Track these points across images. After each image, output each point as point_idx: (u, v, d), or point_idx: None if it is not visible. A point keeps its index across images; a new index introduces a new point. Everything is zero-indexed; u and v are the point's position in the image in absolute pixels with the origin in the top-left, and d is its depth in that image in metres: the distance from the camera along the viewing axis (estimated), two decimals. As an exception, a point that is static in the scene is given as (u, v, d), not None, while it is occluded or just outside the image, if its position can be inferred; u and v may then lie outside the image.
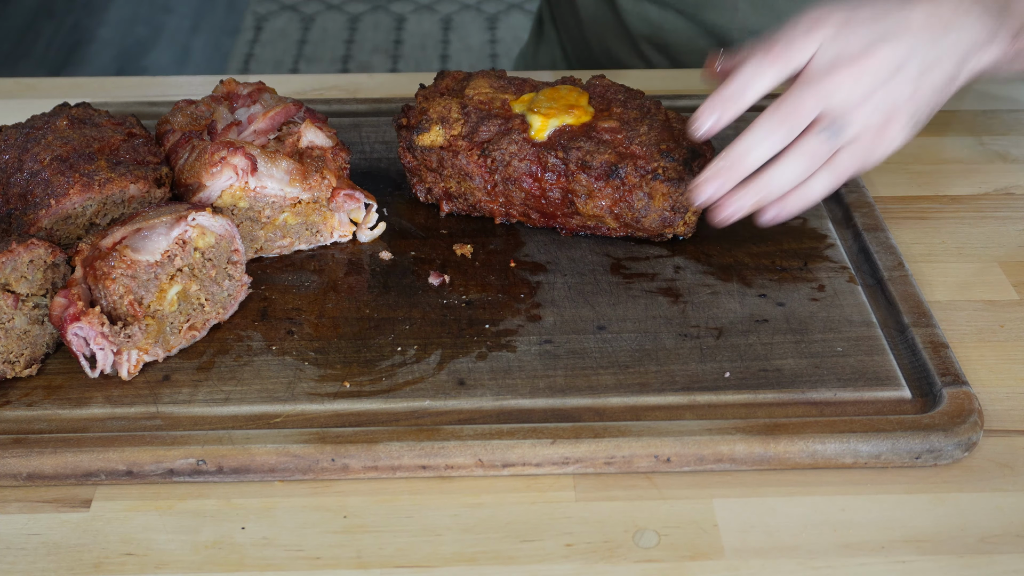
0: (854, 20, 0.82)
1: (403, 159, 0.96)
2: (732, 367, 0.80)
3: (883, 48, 0.81)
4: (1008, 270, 0.92)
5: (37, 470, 0.73)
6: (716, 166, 0.83)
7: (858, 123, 0.82)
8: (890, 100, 0.82)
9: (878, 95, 0.81)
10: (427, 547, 0.69)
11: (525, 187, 0.92)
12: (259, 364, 0.81)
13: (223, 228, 0.83)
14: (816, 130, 0.82)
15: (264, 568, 0.68)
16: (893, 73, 0.82)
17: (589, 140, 0.90)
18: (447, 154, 0.93)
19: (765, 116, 0.82)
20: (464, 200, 0.95)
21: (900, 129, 0.83)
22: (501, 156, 0.91)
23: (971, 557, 0.69)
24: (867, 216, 0.95)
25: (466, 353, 0.82)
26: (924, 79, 0.82)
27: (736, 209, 0.83)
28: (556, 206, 0.92)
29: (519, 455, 0.73)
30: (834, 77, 0.81)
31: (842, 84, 0.81)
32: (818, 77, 0.81)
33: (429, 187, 0.96)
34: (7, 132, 0.90)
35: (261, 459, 0.73)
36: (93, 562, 0.69)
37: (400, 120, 0.96)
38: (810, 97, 0.81)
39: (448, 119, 0.93)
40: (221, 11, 3.67)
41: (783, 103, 0.82)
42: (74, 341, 0.77)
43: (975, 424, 0.75)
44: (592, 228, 0.93)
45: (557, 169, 0.90)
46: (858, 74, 0.81)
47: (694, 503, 0.72)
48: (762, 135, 0.82)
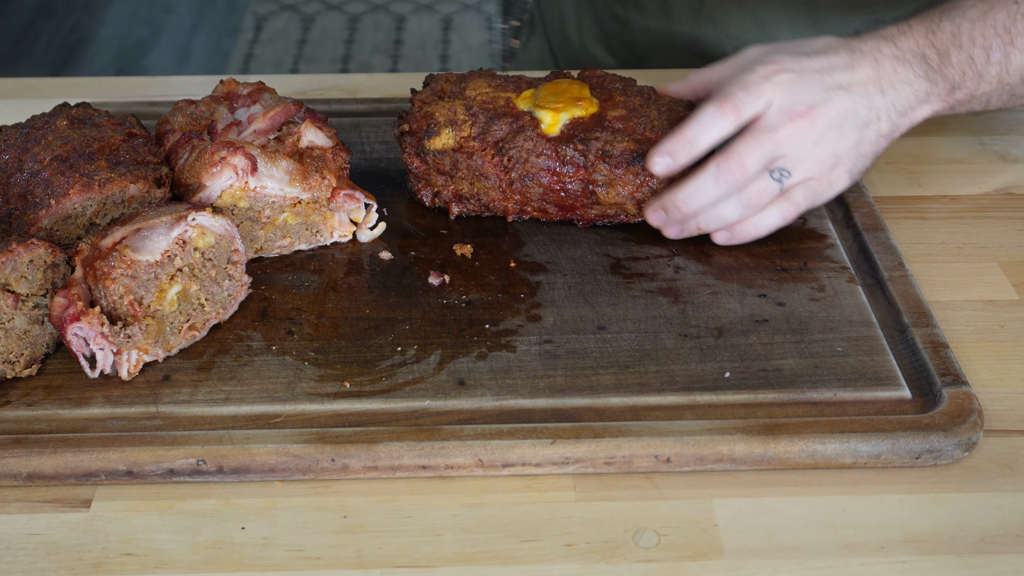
0: (805, 73, 0.88)
1: (410, 165, 0.95)
2: (732, 367, 0.80)
3: (832, 102, 0.88)
4: (1008, 270, 0.92)
5: (37, 470, 0.73)
6: (662, 200, 0.90)
7: (803, 171, 0.88)
8: (836, 150, 0.89)
9: (826, 143, 0.88)
10: (427, 547, 0.69)
11: (543, 182, 0.92)
12: (259, 364, 0.81)
13: (223, 228, 0.83)
14: (764, 170, 0.88)
15: (264, 568, 0.68)
16: (839, 125, 0.88)
17: (604, 130, 0.91)
18: (461, 156, 0.93)
19: (712, 165, 0.88)
20: (477, 201, 0.95)
21: (844, 173, 0.90)
22: (518, 154, 0.92)
23: (971, 557, 0.69)
24: (867, 216, 0.95)
25: (466, 353, 0.82)
26: (867, 131, 0.89)
27: (679, 232, 0.92)
28: (575, 198, 0.93)
29: (519, 455, 0.73)
30: (785, 129, 0.87)
31: (791, 136, 0.87)
32: (769, 130, 0.87)
33: (437, 191, 0.96)
34: (7, 132, 0.90)
35: (261, 459, 0.73)
36: (93, 562, 0.69)
37: (402, 127, 0.96)
38: (759, 148, 0.87)
39: (456, 121, 0.93)
40: (221, 11, 3.67)
41: (733, 154, 0.88)
42: (74, 341, 0.77)
43: (975, 424, 0.75)
44: (611, 216, 0.94)
45: (576, 162, 0.91)
46: (809, 124, 0.87)
47: (694, 503, 0.72)
48: (709, 182, 0.88)
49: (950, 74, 0.90)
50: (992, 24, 0.91)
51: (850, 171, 0.90)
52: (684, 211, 0.90)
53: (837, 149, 0.89)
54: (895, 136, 0.91)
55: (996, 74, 0.91)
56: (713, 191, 0.88)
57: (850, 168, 0.90)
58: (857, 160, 0.90)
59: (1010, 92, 0.93)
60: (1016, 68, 0.92)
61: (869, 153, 0.91)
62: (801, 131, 0.87)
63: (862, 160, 0.90)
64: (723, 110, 0.87)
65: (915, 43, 0.90)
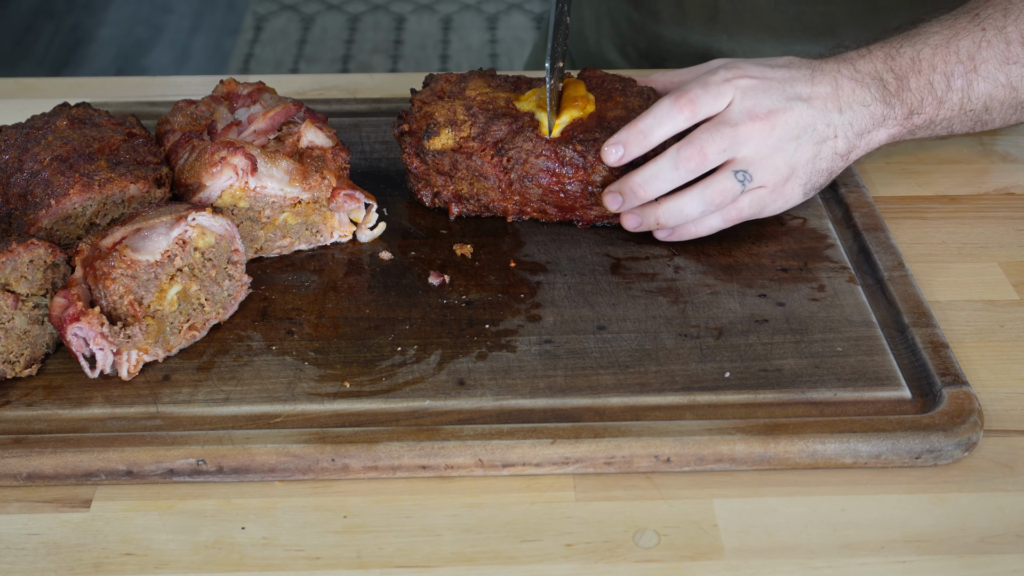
0: (767, 80, 0.89)
1: (410, 165, 0.95)
2: (732, 367, 0.80)
3: (792, 111, 0.88)
4: (1008, 270, 0.92)
5: (37, 470, 0.73)
6: (620, 184, 0.89)
7: (765, 174, 0.88)
8: (792, 160, 0.89)
9: (784, 152, 0.88)
10: (427, 547, 0.69)
11: (543, 183, 0.92)
12: (259, 364, 0.81)
13: (223, 228, 0.83)
14: (728, 170, 0.88)
15: (264, 568, 0.68)
16: (798, 136, 0.88)
17: (604, 131, 0.91)
18: (460, 156, 0.93)
19: (672, 149, 0.88)
20: (476, 201, 0.95)
21: (798, 187, 0.91)
22: (517, 154, 0.91)
23: (971, 557, 0.69)
24: (867, 216, 0.95)
25: (466, 353, 0.82)
26: (824, 146, 0.90)
27: (638, 224, 0.91)
28: (575, 199, 0.93)
29: (519, 455, 0.73)
30: (747, 127, 0.87)
31: (751, 136, 0.87)
32: (730, 124, 0.87)
33: (437, 191, 0.96)
34: (7, 132, 0.90)
35: (261, 459, 0.73)
36: (93, 562, 0.69)
37: (401, 127, 0.95)
38: (720, 138, 0.87)
39: (456, 121, 0.93)
40: (221, 11, 3.67)
41: (694, 140, 0.87)
42: (74, 341, 0.77)
43: (975, 424, 0.75)
44: (611, 217, 0.94)
45: (575, 162, 0.91)
46: (769, 129, 0.87)
47: (694, 503, 0.72)
48: (667, 166, 0.88)
49: (908, 99, 0.91)
50: (955, 51, 0.92)
51: (804, 186, 0.91)
52: (640, 195, 0.89)
53: (794, 160, 0.89)
54: (851, 158, 0.92)
55: (958, 100, 0.92)
56: (671, 176, 0.88)
57: (804, 183, 0.90)
58: (812, 175, 0.90)
59: (974, 118, 0.94)
60: (979, 96, 0.92)
61: (824, 170, 0.91)
62: (761, 133, 0.87)
63: (817, 176, 0.91)
64: (679, 105, 0.87)
65: (874, 67, 0.91)
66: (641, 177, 0.88)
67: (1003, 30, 0.92)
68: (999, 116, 0.95)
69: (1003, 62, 0.92)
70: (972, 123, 0.95)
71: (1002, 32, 0.92)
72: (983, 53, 0.92)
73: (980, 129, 0.96)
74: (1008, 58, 0.92)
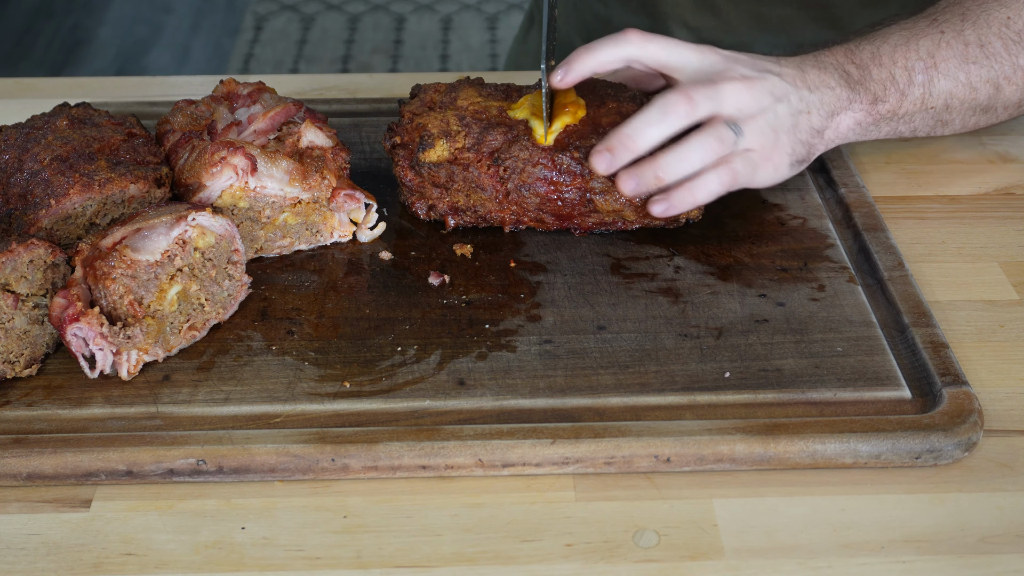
0: (734, 59, 0.89)
1: (403, 178, 0.94)
2: (732, 367, 0.80)
3: (765, 79, 0.88)
4: (1008, 270, 0.92)
5: (37, 470, 0.73)
6: (608, 141, 0.87)
7: (752, 133, 0.88)
8: (775, 123, 0.88)
9: (766, 114, 0.88)
10: (427, 547, 0.69)
11: (540, 192, 0.91)
12: (259, 364, 0.81)
13: (223, 228, 0.83)
14: (718, 123, 0.87)
15: (264, 568, 0.68)
16: (778, 97, 0.88)
17: (600, 138, 0.90)
18: (456, 168, 0.92)
19: (658, 99, 0.87)
20: (473, 212, 0.94)
21: (785, 156, 0.90)
22: (514, 164, 0.91)
23: (971, 557, 0.69)
24: (867, 216, 0.95)
25: (466, 353, 0.82)
26: (800, 118, 0.90)
27: (636, 185, 0.87)
28: (573, 207, 0.92)
29: (519, 455, 0.73)
30: (727, 84, 0.87)
31: (733, 92, 0.87)
32: (712, 82, 0.87)
33: (432, 204, 0.95)
34: (7, 132, 0.90)
35: (261, 459, 0.73)
36: (93, 562, 0.69)
37: (392, 139, 0.94)
38: (704, 89, 0.86)
39: (450, 132, 0.92)
40: (221, 11, 3.67)
41: (679, 89, 0.87)
42: (73, 341, 0.77)
43: (975, 424, 0.75)
44: (609, 224, 0.94)
45: (572, 170, 0.90)
46: (747, 88, 0.87)
47: (694, 503, 0.72)
48: (656, 114, 0.86)
49: (872, 87, 0.92)
50: (915, 48, 0.93)
51: (790, 155, 0.90)
52: (630, 146, 0.86)
53: (776, 124, 0.88)
54: (826, 138, 0.92)
55: (920, 95, 0.93)
56: (660, 123, 0.86)
57: (790, 152, 0.90)
58: (796, 145, 0.90)
59: (935, 117, 0.95)
60: (940, 93, 0.93)
61: (805, 142, 0.91)
62: (741, 90, 0.87)
63: (801, 148, 0.90)
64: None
65: (835, 59, 0.92)
66: (631, 127, 0.86)
67: (961, 32, 0.94)
68: (959, 117, 0.96)
69: (963, 61, 0.93)
70: (934, 123, 0.95)
71: (960, 35, 0.93)
72: (943, 52, 0.93)
73: (940, 131, 0.96)
74: (967, 58, 0.93)
